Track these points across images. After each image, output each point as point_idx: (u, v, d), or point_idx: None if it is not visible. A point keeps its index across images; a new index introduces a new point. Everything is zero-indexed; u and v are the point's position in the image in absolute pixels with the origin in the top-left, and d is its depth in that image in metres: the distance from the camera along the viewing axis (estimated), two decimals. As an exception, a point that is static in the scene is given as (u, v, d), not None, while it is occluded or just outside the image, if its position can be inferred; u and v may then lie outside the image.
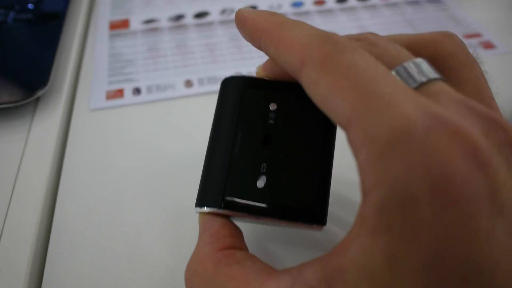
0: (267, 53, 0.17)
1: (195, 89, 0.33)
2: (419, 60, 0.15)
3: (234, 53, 0.37)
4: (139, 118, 0.31)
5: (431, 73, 0.15)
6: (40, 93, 0.30)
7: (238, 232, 0.18)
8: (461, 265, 0.12)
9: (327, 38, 0.15)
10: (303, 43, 0.15)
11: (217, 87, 0.33)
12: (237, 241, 0.17)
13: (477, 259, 0.12)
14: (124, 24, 0.40)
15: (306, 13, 0.41)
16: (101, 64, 0.36)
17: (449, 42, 0.17)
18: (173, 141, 0.29)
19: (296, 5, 0.42)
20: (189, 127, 0.30)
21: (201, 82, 0.34)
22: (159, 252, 0.23)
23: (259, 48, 0.17)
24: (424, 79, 0.15)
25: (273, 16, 0.17)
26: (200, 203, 0.18)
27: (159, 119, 0.31)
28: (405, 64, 0.15)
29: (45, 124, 0.30)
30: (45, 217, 0.25)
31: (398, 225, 0.12)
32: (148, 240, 0.24)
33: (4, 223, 0.24)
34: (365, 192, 0.13)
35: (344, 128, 0.14)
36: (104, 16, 0.41)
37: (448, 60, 0.17)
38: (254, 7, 0.42)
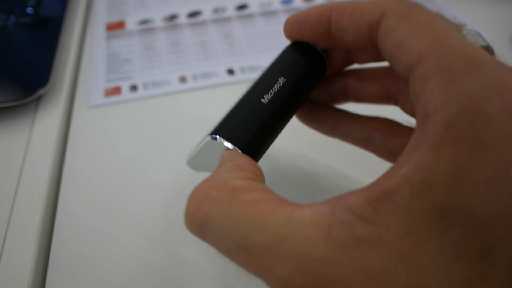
0: (338, 27, 0.18)
1: (189, 84, 0.35)
2: (469, 29, 0.17)
3: (226, 50, 0.38)
4: (136, 113, 0.33)
5: (483, 38, 0.17)
6: (41, 92, 0.32)
7: (262, 174, 0.17)
8: None
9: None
10: (381, 2, 0.16)
11: (209, 82, 0.35)
12: (262, 179, 0.16)
13: None
14: (120, 25, 0.42)
15: (296, 9, 0.43)
16: (99, 63, 0.37)
17: None
18: (168, 133, 0.30)
19: (285, 2, 0.44)
20: (184, 120, 0.31)
21: (195, 77, 0.35)
22: (162, 242, 0.25)
23: (324, 34, 0.19)
24: (482, 43, 0.16)
25: (327, 4, 0.19)
26: (227, 137, 0.17)
27: (155, 113, 0.32)
28: (466, 32, 0.17)
29: (46, 121, 0.32)
30: (49, 208, 0.27)
31: (467, 139, 0.12)
32: (149, 230, 0.25)
33: (10, 214, 0.26)
34: (427, 114, 0.13)
35: (415, 65, 0.14)
36: (100, 18, 0.43)
37: None
38: (244, 5, 0.44)
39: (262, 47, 0.38)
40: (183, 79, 0.35)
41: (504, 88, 0.13)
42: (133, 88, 0.35)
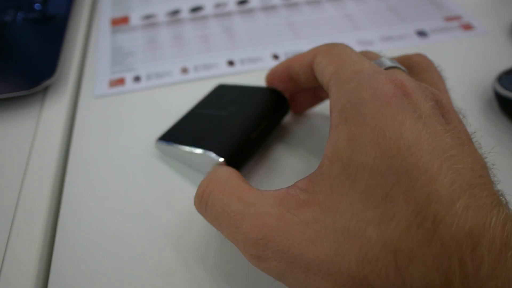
0: (293, 72, 0.26)
1: (191, 75, 0.36)
2: (391, 59, 0.22)
3: (227, 43, 0.39)
4: (140, 102, 0.34)
5: (396, 64, 0.21)
6: (47, 82, 0.33)
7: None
8: (395, 141, 0.16)
9: (329, 43, 0.23)
10: (316, 47, 0.24)
11: (210, 73, 0.36)
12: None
13: (403, 135, 0.16)
14: (125, 20, 0.43)
15: (296, 4, 0.44)
16: (104, 56, 0.39)
17: (418, 56, 0.24)
18: (170, 121, 0.31)
19: (285, -3, 0.45)
20: (185, 109, 0.32)
21: (196, 68, 0.36)
22: (169, 226, 0.26)
23: (287, 79, 0.27)
24: (390, 64, 0.21)
25: (288, 58, 0.27)
26: (219, 153, 0.25)
27: (158, 102, 0.34)
28: (381, 58, 0.22)
29: (53, 110, 0.33)
30: (56, 192, 0.28)
31: (352, 116, 0.17)
32: (155, 214, 0.26)
33: (18, 197, 0.27)
34: (331, 109, 0.19)
35: (328, 82, 0.21)
36: (105, 13, 0.44)
37: (415, 67, 0.23)
38: (245, 0, 0.45)
39: (262, 39, 0.39)
40: (184, 70, 0.36)
41: (373, 83, 0.18)
42: (137, 79, 0.36)
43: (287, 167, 0.28)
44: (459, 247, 0.14)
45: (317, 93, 0.28)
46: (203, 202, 0.21)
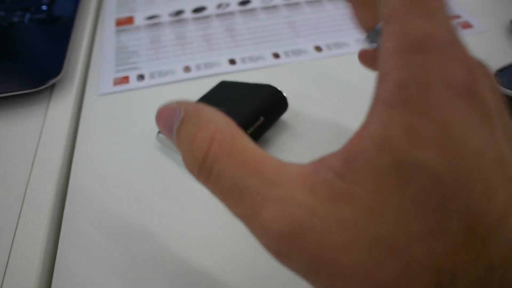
0: None
1: (193, 73, 0.37)
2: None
3: (229, 42, 0.40)
4: (143, 100, 0.35)
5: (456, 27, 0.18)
6: (54, 80, 0.34)
7: None
8: (461, 145, 0.13)
9: None
10: None
11: (212, 71, 0.37)
12: None
13: (469, 139, 0.13)
14: (129, 20, 0.44)
15: (296, 4, 0.45)
16: (108, 55, 0.40)
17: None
18: (172, 117, 0.32)
19: (286, -3, 0.46)
20: (187, 105, 0.33)
21: (198, 67, 0.37)
22: (170, 216, 0.27)
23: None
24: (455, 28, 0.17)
25: None
26: None
27: (161, 99, 0.34)
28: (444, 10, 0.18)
29: (60, 107, 0.34)
30: (61, 186, 0.29)
31: (415, 101, 0.14)
32: (157, 204, 0.27)
33: (25, 191, 0.28)
34: (384, 73, 0.15)
35: (385, 17, 0.16)
36: (110, 14, 0.45)
37: None
38: (247, 0, 0.46)
39: (263, 38, 0.40)
40: (187, 69, 0.37)
41: (446, 63, 0.14)
42: (140, 77, 0.37)
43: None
44: (505, 265, 0.13)
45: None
46: (205, 169, 0.16)
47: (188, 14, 0.44)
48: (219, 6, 0.45)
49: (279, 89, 0.30)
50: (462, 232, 0.13)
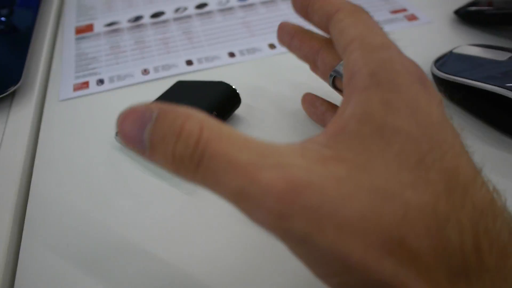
0: (312, 8, 0.24)
1: (151, 75, 0.38)
2: None
3: (186, 44, 0.41)
4: (103, 103, 0.36)
5: None
6: (13, 88, 0.35)
7: None
8: (427, 115, 0.17)
9: (354, 4, 0.23)
10: (340, 1, 0.23)
11: (170, 72, 0.38)
12: None
13: (433, 113, 0.17)
14: (89, 28, 0.45)
15: (251, 5, 0.46)
16: (68, 62, 0.40)
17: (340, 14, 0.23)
18: (131, 118, 0.33)
19: (242, -1, 0.47)
20: (145, 106, 0.34)
21: (156, 69, 0.38)
22: (129, 212, 0.28)
23: (305, 9, 0.25)
24: None
25: None
26: None
27: (120, 102, 0.35)
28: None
29: (20, 114, 0.35)
30: (23, 190, 0.30)
31: (386, 83, 0.17)
32: (116, 201, 0.28)
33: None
34: (353, 72, 0.18)
35: (347, 45, 0.20)
36: (70, 23, 0.46)
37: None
38: (204, 4, 0.47)
39: (219, 39, 0.42)
40: (145, 72, 0.38)
41: (404, 61, 0.19)
42: (100, 82, 0.38)
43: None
44: (484, 215, 0.15)
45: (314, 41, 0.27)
46: (197, 155, 0.16)
47: (146, 20, 0.46)
48: (177, 10, 0.47)
49: (233, 85, 0.32)
50: (444, 181, 0.15)
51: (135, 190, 0.28)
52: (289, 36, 0.28)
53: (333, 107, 0.29)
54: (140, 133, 0.16)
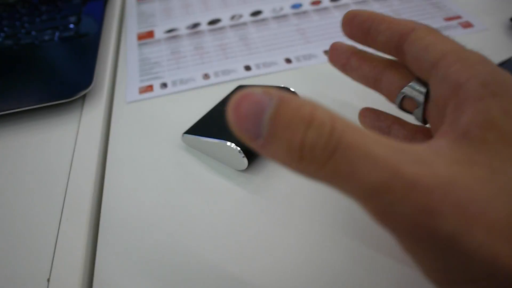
0: (376, 29, 0.24)
1: (212, 80, 0.40)
2: None
3: (243, 50, 0.43)
4: (167, 105, 0.38)
5: None
6: (85, 91, 0.37)
7: None
8: None
9: (422, 23, 0.23)
10: (411, 21, 0.23)
11: (229, 77, 0.40)
12: None
13: None
14: (150, 34, 0.48)
15: (305, 12, 0.48)
16: (133, 67, 0.43)
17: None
18: (194, 120, 0.35)
19: (295, 6, 0.49)
20: (208, 109, 0.36)
21: (216, 74, 0.40)
22: (195, 207, 0.29)
23: (365, 30, 0.24)
24: None
25: (375, 12, 0.25)
26: (236, 143, 0.29)
27: (183, 104, 0.37)
28: None
29: (91, 115, 0.37)
30: (98, 185, 0.32)
31: (502, 93, 0.17)
32: (184, 198, 0.30)
33: (66, 192, 0.31)
34: (459, 83, 0.18)
35: (438, 61, 0.20)
36: (132, 29, 0.49)
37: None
38: (259, 11, 0.49)
39: (275, 46, 0.43)
40: (206, 76, 0.40)
41: (507, 72, 0.18)
42: (164, 85, 0.40)
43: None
44: None
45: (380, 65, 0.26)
46: (331, 145, 0.15)
47: (204, 26, 0.48)
48: (233, 17, 0.48)
49: (293, 90, 0.33)
50: None
51: (201, 188, 0.30)
52: (345, 57, 0.27)
53: (398, 120, 0.28)
54: (256, 119, 0.15)
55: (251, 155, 0.29)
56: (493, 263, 0.14)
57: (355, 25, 0.25)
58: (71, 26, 0.47)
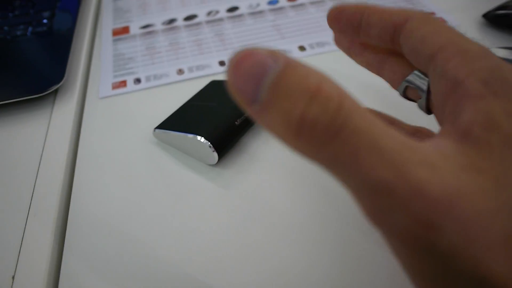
0: (367, 22, 0.22)
1: (186, 75, 0.39)
2: None
3: (218, 46, 0.43)
4: (140, 101, 0.37)
5: None
6: (56, 86, 0.37)
7: None
8: None
9: (420, 11, 0.21)
10: (406, 10, 0.21)
11: (204, 72, 0.40)
12: None
13: None
14: (125, 30, 0.47)
15: (281, 8, 0.48)
16: (106, 62, 0.42)
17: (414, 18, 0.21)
18: (167, 115, 0.35)
19: (272, 2, 0.49)
20: (181, 104, 0.36)
21: (190, 69, 0.40)
22: (165, 202, 0.29)
23: (355, 24, 0.22)
24: None
25: (363, 3, 0.22)
26: (206, 137, 0.29)
27: (156, 100, 0.37)
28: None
29: (63, 110, 0.37)
30: (67, 181, 0.31)
31: (503, 92, 0.16)
32: (154, 193, 0.30)
33: (34, 187, 0.30)
34: (458, 80, 0.17)
35: (436, 54, 0.18)
36: (107, 25, 0.48)
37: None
38: (235, 7, 0.49)
39: (250, 41, 0.43)
40: (180, 71, 0.40)
41: (508, 66, 0.17)
42: (137, 81, 0.40)
43: (269, 155, 0.31)
44: None
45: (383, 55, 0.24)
46: (337, 124, 0.13)
47: (180, 22, 0.47)
48: (209, 13, 0.48)
49: None
50: None
51: (172, 183, 0.30)
52: (347, 40, 0.25)
53: (395, 121, 0.26)
54: (257, 81, 0.14)
55: (221, 149, 0.29)
56: (488, 281, 0.13)
57: (344, 20, 0.23)
58: (45, 21, 0.46)
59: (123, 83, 0.39)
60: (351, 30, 0.23)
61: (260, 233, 0.26)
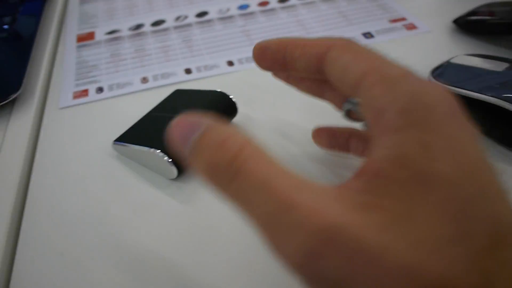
0: (291, 56, 0.22)
1: (150, 84, 0.38)
2: None
3: (185, 52, 0.42)
4: (101, 111, 0.36)
5: None
6: (13, 96, 0.35)
7: None
8: (469, 156, 0.15)
9: (340, 37, 0.21)
10: (327, 40, 0.21)
11: (168, 81, 0.38)
12: None
13: (475, 151, 0.16)
14: (90, 36, 0.46)
15: (251, 13, 0.47)
16: (69, 70, 0.41)
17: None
18: (128, 126, 0.33)
19: (242, 7, 0.48)
20: (143, 114, 0.34)
21: (155, 78, 0.39)
22: (122, 217, 0.28)
23: (280, 61, 0.23)
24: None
25: (285, 38, 0.23)
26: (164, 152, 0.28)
27: (118, 110, 0.36)
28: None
29: (20, 122, 0.35)
30: (20, 195, 0.30)
31: (420, 122, 0.16)
32: (114, 209, 0.28)
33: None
34: (380, 110, 0.17)
35: (359, 81, 0.18)
36: (72, 31, 0.47)
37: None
38: (205, 12, 0.47)
39: (218, 48, 0.42)
40: (144, 80, 0.39)
41: (431, 90, 0.17)
42: (99, 90, 0.38)
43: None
44: None
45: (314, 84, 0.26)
46: (232, 169, 0.16)
47: (147, 28, 0.46)
48: (178, 18, 0.47)
49: (230, 94, 0.32)
50: (489, 233, 0.14)
51: (130, 197, 0.29)
52: (283, 75, 0.27)
53: (354, 132, 0.26)
54: (187, 138, 0.18)
55: (181, 164, 0.28)
56: None
57: (269, 58, 0.24)
58: (5, 27, 0.44)
59: (84, 92, 0.38)
60: (278, 66, 0.24)
61: (219, 248, 0.25)
